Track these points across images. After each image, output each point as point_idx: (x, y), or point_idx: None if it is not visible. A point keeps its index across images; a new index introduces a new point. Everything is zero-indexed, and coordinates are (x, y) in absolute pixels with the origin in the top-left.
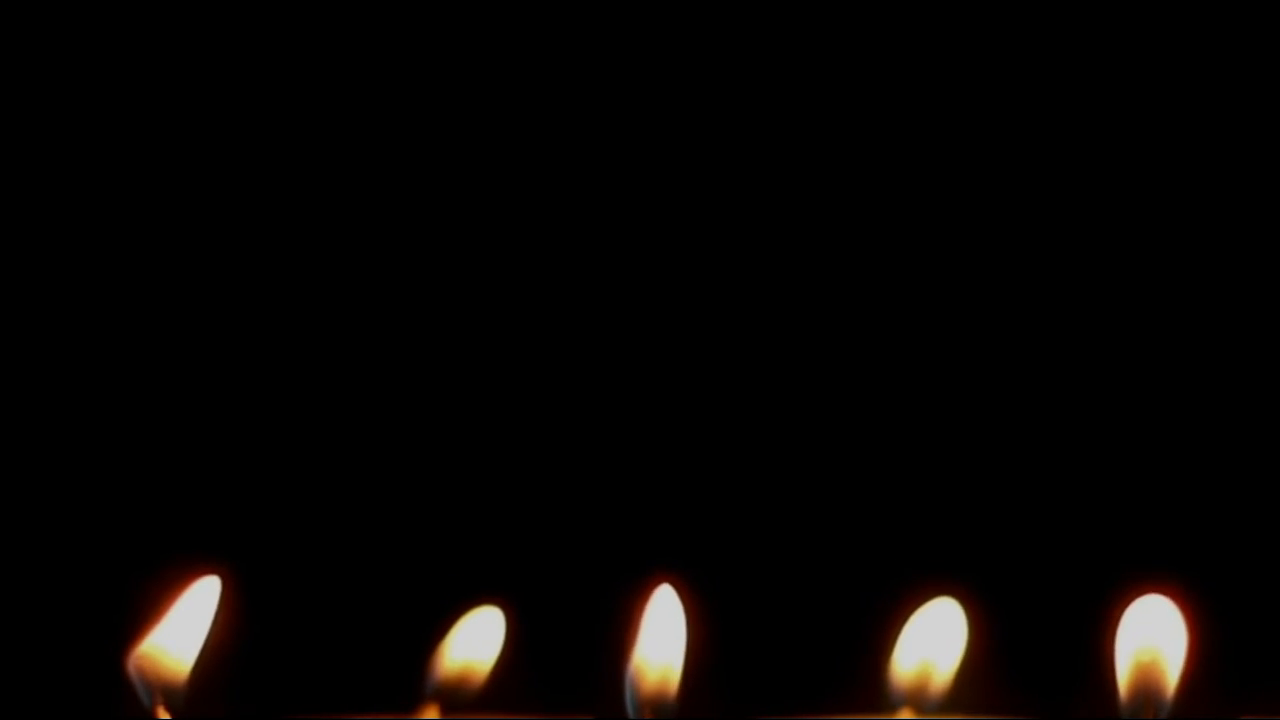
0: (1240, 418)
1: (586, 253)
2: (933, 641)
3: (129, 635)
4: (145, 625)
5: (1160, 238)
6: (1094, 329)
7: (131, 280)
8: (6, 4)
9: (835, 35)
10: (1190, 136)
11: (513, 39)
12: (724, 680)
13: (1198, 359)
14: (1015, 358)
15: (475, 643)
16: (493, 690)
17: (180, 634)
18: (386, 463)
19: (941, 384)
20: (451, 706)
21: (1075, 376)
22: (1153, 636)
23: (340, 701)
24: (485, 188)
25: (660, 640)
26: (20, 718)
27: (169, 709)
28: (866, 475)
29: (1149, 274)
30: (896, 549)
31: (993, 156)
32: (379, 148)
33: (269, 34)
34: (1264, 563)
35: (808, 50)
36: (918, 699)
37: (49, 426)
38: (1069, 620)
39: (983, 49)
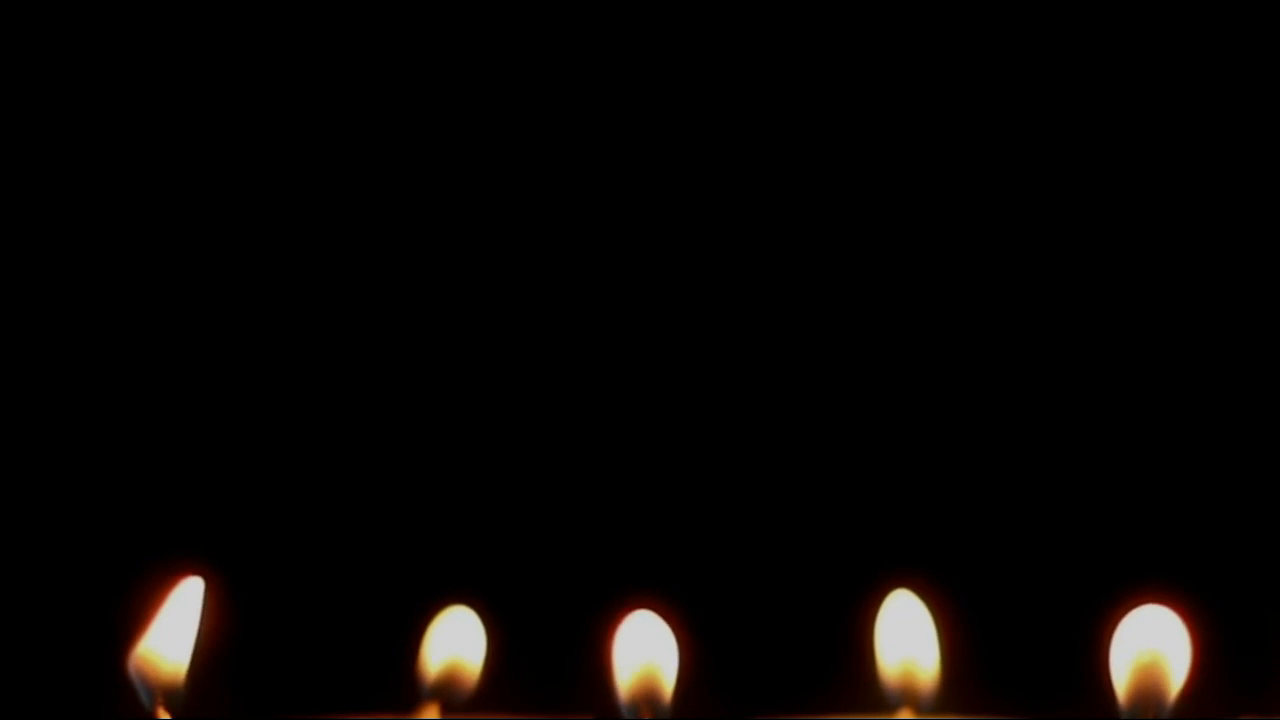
0: (1239, 421)
1: (575, 266)
2: (907, 636)
3: (123, 638)
4: (138, 627)
5: (1156, 243)
6: (1096, 334)
7: (112, 284)
8: (6, 4)
9: (835, 35)
10: (1190, 136)
11: (513, 39)
12: (723, 681)
13: (1199, 361)
14: (1019, 363)
15: (457, 641)
16: (492, 690)
17: (177, 635)
18: (377, 463)
19: (943, 389)
20: (451, 706)
21: (1081, 378)
22: (1153, 638)
23: (339, 701)
24: (471, 187)
25: (638, 649)
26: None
27: (169, 709)
28: (868, 478)
29: (1147, 280)
30: (898, 552)
31: (988, 156)
32: (361, 135)
33: (269, 34)
34: (1264, 563)
35: (807, 50)
36: (912, 698)
37: (35, 431)
38: (1070, 622)
39: (983, 49)
